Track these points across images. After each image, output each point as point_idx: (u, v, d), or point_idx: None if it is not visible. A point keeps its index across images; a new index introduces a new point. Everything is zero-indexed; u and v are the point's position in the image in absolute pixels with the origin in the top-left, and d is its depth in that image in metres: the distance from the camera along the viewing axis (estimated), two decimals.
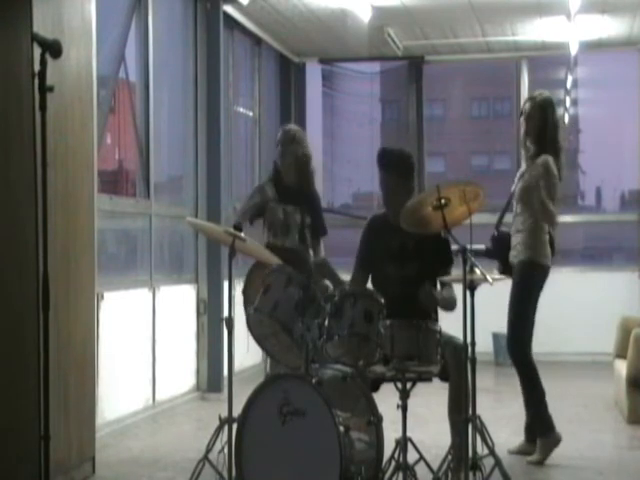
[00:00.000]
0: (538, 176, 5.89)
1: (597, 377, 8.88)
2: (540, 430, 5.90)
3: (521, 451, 5.94)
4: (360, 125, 12.79)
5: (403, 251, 5.25)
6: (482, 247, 5.71)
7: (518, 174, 6.16)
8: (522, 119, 6.10)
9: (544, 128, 5.98)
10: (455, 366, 4.86)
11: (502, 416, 7.07)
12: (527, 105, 6.08)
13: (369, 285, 5.33)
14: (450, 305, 5.16)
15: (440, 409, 5.13)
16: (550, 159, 5.92)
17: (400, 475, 4.60)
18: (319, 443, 4.28)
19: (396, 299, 4.66)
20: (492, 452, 4.88)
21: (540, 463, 5.78)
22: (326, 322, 4.54)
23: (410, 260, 5.23)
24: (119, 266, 7.66)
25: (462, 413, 4.74)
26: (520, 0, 9.20)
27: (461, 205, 4.72)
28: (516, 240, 5.99)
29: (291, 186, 6.07)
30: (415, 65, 11.59)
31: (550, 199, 5.88)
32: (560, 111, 13.28)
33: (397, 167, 5.29)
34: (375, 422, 4.58)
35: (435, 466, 4.85)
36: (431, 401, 6.27)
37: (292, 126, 6.44)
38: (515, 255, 6.00)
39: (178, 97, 8.81)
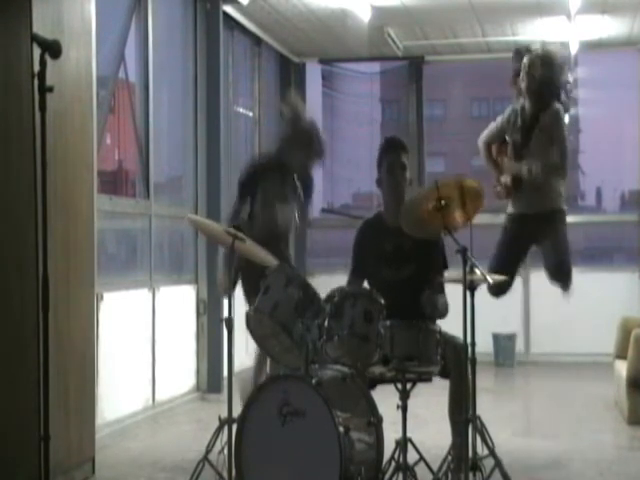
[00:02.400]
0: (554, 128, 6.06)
1: (597, 377, 8.87)
2: None
3: None
4: (360, 125, 12.79)
5: (398, 254, 5.23)
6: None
7: (510, 112, 6.23)
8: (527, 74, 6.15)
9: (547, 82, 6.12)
10: (455, 366, 4.86)
11: (502, 416, 7.07)
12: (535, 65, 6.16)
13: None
14: (444, 312, 5.17)
15: (440, 410, 5.13)
16: (561, 108, 6.12)
17: (400, 476, 4.60)
18: (319, 444, 4.27)
19: (393, 302, 4.65)
20: (492, 452, 4.88)
21: None
22: (326, 323, 4.54)
23: (406, 262, 5.22)
24: (119, 266, 7.66)
25: (463, 413, 4.74)
26: (520, 0, 9.20)
27: (461, 207, 4.71)
28: (540, 189, 6.06)
29: None
30: (415, 65, 11.59)
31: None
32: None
33: (404, 148, 5.33)
34: (375, 423, 4.58)
35: (435, 467, 4.85)
36: (431, 402, 6.27)
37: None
38: (545, 203, 6.07)
39: (178, 97, 8.81)
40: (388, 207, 5.33)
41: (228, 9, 9.09)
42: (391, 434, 4.74)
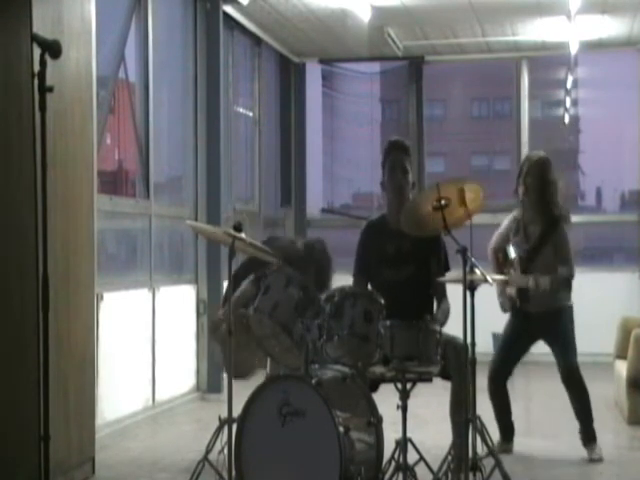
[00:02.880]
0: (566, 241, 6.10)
1: (597, 377, 8.84)
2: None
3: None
4: (360, 125, 12.79)
5: (399, 254, 5.26)
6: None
7: (512, 227, 6.24)
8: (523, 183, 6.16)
9: (545, 189, 6.11)
10: (456, 366, 4.86)
11: None
12: (524, 166, 6.20)
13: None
14: (447, 318, 5.19)
15: (440, 410, 5.13)
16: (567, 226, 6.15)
17: (400, 476, 4.60)
18: (319, 444, 4.28)
19: (393, 303, 4.65)
20: (492, 452, 4.89)
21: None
22: (326, 322, 4.54)
23: (406, 263, 5.23)
24: (119, 266, 7.66)
25: (464, 414, 4.74)
26: (520, 0, 9.20)
27: (461, 206, 4.71)
28: (550, 285, 6.05)
29: None
30: (415, 65, 11.59)
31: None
32: (560, 111, 13.29)
33: (406, 151, 5.33)
34: (375, 423, 4.58)
35: (435, 467, 4.85)
36: (431, 402, 6.28)
37: None
38: (552, 301, 6.07)
39: (178, 97, 8.81)
40: (391, 209, 5.35)
41: (228, 9, 9.09)
42: (391, 434, 4.74)
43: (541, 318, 6.08)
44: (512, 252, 6.18)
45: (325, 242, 5.98)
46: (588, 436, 6.00)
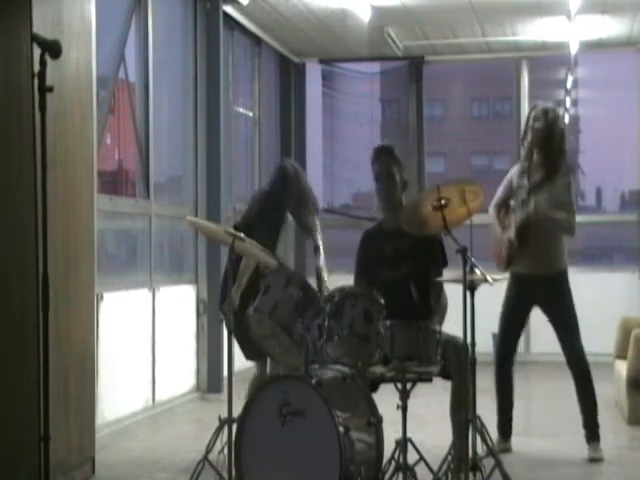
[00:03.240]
0: (569, 192, 5.97)
1: (597, 377, 8.83)
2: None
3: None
4: (360, 125, 12.78)
5: (397, 253, 5.28)
6: None
7: (516, 175, 6.13)
8: (530, 128, 6.07)
9: (559, 141, 6.03)
10: (456, 366, 4.86)
11: None
12: (538, 117, 6.08)
13: None
14: (444, 313, 5.20)
15: (440, 410, 5.13)
16: (572, 179, 6.04)
17: (400, 476, 4.60)
18: (319, 444, 4.28)
19: (394, 302, 4.66)
20: (492, 452, 4.89)
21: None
22: (326, 322, 4.54)
23: (404, 260, 5.25)
24: (119, 266, 7.66)
25: (464, 414, 4.74)
26: (520, 0, 9.20)
27: (461, 205, 4.72)
28: (548, 249, 5.99)
29: None
30: (415, 65, 11.58)
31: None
32: (560, 111, 13.26)
33: (391, 155, 5.33)
34: (375, 423, 4.58)
35: (435, 467, 4.85)
36: (431, 401, 6.28)
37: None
38: (551, 264, 6.01)
39: (178, 97, 8.81)
40: (384, 213, 5.41)
41: (228, 9, 9.09)
42: (391, 434, 4.74)
43: (539, 282, 5.98)
44: (513, 204, 6.10)
45: (296, 164, 6.08)
46: (591, 431, 5.99)
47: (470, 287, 4.70)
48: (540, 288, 6.00)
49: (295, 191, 5.86)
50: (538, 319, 6.17)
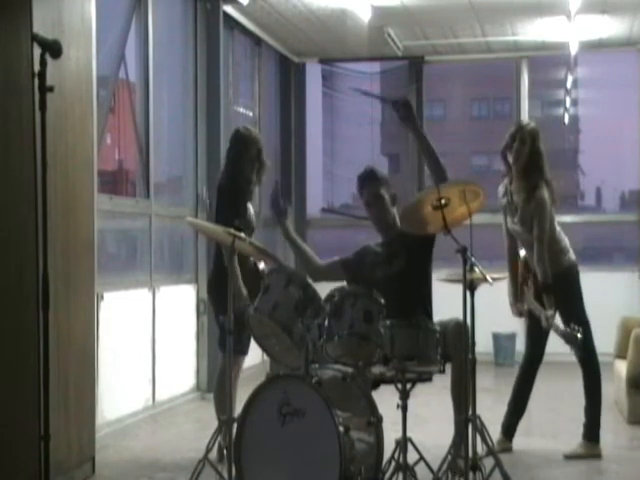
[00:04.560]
0: (536, 214, 5.93)
1: None
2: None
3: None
4: (360, 125, 12.79)
5: (389, 252, 5.33)
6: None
7: (503, 191, 6.18)
8: (514, 145, 6.09)
9: (534, 157, 6.03)
10: (457, 344, 4.84)
11: (502, 416, 7.06)
12: (517, 133, 6.12)
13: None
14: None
15: (440, 409, 5.13)
16: (546, 194, 5.95)
17: (400, 475, 4.60)
18: (319, 443, 4.28)
19: (390, 299, 4.66)
20: (492, 452, 4.89)
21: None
22: (326, 322, 4.54)
23: (396, 257, 5.30)
24: (119, 266, 7.66)
25: (463, 392, 4.73)
26: (520, 0, 9.20)
27: (461, 205, 4.72)
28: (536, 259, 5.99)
29: None
30: (415, 65, 11.58)
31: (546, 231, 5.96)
32: (560, 111, 13.26)
33: (373, 179, 5.40)
34: (375, 422, 4.58)
35: (435, 466, 4.85)
36: (431, 401, 6.28)
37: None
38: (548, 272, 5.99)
39: (178, 97, 8.81)
40: (379, 233, 5.47)
41: (228, 9, 9.09)
42: (391, 434, 4.74)
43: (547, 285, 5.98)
44: (521, 253, 6.18)
45: (248, 127, 6.44)
46: (586, 430, 6.00)
47: (470, 287, 4.70)
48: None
49: (252, 149, 6.16)
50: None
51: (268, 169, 6.31)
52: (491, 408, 6.12)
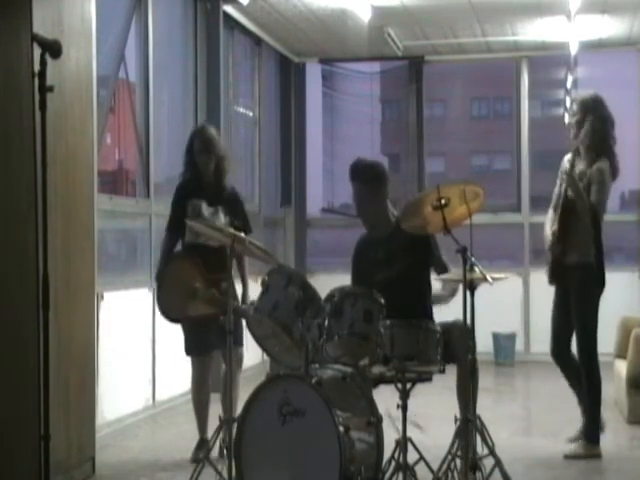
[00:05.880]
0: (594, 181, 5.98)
1: None
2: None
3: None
4: (360, 125, 12.77)
5: (388, 255, 5.29)
6: None
7: (566, 166, 6.11)
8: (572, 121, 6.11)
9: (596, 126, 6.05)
10: (463, 345, 4.83)
11: (502, 416, 7.07)
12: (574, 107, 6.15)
13: None
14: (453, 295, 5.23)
15: (440, 409, 5.13)
16: (606, 165, 6.02)
17: (400, 475, 4.60)
18: (319, 443, 4.28)
19: (390, 302, 4.66)
20: (492, 452, 4.89)
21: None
22: (326, 322, 4.54)
23: (396, 260, 5.27)
24: (119, 266, 7.66)
25: (469, 391, 4.74)
26: (520, 0, 9.20)
27: (461, 205, 4.72)
28: (575, 240, 5.97)
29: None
30: (415, 65, 11.58)
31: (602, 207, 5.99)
32: (560, 111, 13.26)
33: (364, 175, 5.31)
34: (375, 422, 4.58)
35: (435, 466, 4.85)
36: (431, 401, 6.28)
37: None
38: (575, 254, 5.97)
39: (178, 97, 8.81)
40: (368, 228, 5.45)
41: (228, 9, 9.09)
42: (391, 434, 4.74)
43: (569, 271, 5.96)
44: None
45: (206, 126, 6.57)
46: (584, 429, 6.01)
47: (470, 287, 4.70)
48: (568, 278, 6.00)
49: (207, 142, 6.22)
50: (538, 319, 6.16)
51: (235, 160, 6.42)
52: (491, 408, 6.11)
